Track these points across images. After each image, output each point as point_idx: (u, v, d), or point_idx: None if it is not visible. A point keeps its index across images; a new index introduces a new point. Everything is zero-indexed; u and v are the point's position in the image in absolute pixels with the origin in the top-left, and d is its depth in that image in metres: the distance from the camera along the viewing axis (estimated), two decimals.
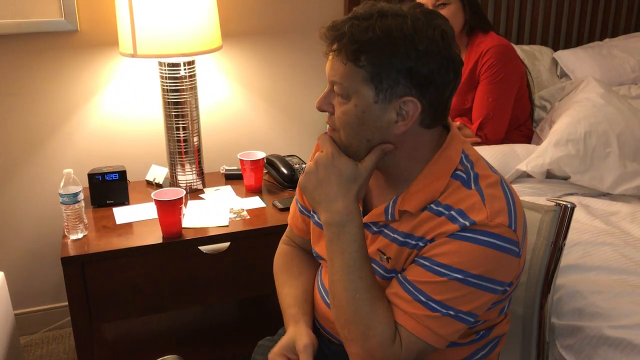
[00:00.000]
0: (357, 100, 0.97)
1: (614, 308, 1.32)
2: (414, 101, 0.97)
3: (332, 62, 0.99)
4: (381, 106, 0.97)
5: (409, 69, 0.94)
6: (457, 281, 0.96)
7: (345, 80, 0.97)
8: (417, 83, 0.95)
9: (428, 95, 0.97)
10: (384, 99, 0.96)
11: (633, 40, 2.68)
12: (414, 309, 0.99)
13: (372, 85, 0.96)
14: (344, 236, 1.01)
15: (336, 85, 0.99)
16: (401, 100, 0.96)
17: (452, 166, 1.02)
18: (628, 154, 1.85)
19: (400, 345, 0.99)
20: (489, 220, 0.96)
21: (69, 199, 1.72)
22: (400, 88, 0.96)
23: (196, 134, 2.03)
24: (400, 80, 0.95)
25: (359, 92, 0.97)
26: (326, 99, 1.02)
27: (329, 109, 1.03)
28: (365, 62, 0.94)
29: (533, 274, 1.27)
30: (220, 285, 1.86)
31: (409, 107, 0.97)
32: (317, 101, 1.03)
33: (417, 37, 0.93)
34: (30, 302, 2.29)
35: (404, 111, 0.97)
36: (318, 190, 1.03)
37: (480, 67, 2.00)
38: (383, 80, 0.95)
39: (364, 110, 0.98)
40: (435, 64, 0.95)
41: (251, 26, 2.26)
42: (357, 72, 0.96)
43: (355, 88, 0.97)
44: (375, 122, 0.98)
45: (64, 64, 2.09)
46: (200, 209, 1.93)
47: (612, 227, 1.63)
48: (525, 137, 2.14)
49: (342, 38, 0.95)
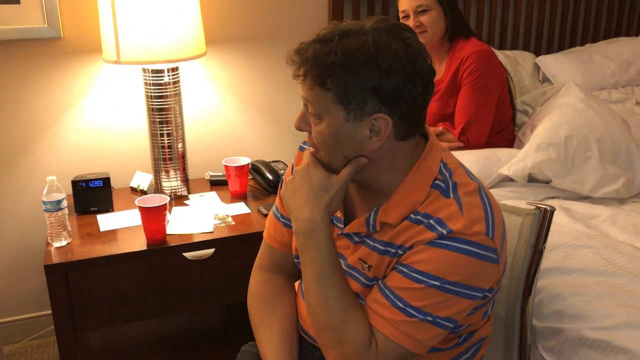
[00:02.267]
0: (329, 120, 0.99)
1: (593, 310, 1.34)
2: (384, 117, 0.98)
3: (302, 85, 1.01)
4: (353, 124, 0.98)
5: (375, 87, 0.95)
6: (435, 288, 0.97)
7: (315, 102, 0.99)
8: (385, 100, 0.96)
9: (398, 110, 0.97)
10: (355, 117, 0.98)
11: (613, 46, 2.72)
12: (391, 315, 1.00)
13: (342, 106, 0.97)
14: (311, 245, 1.03)
15: (310, 106, 1.01)
16: (372, 117, 0.97)
17: (431, 176, 1.03)
18: (608, 158, 1.87)
19: (377, 351, 1.00)
20: (466, 229, 0.97)
21: (52, 207, 1.71)
22: (369, 106, 0.97)
23: (180, 140, 2.03)
24: (368, 99, 0.96)
25: (330, 113, 0.98)
26: (303, 119, 1.05)
27: (306, 128, 1.05)
28: (331, 85, 0.96)
29: (514, 277, 1.29)
30: (205, 291, 1.86)
31: (380, 124, 0.98)
32: (295, 121, 1.05)
33: (379, 56, 0.94)
34: (14, 310, 2.27)
35: (377, 127, 0.98)
36: (292, 198, 1.06)
37: (462, 72, 2.02)
38: (351, 100, 0.96)
39: (337, 129, 0.99)
40: (400, 80, 0.95)
41: (235, 33, 2.27)
42: (325, 95, 0.97)
43: (326, 109, 0.98)
44: (350, 139, 1.00)
45: (47, 71, 2.08)
46: (184, 216, 1.93)
47: (592, 230, 1.65)
48: (507, 141, 2.16)
49: (306, 63, 0.98)
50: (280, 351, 1.17)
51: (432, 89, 1.01)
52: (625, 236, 1.62)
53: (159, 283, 1.79)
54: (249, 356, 1.30)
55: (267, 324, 1.21)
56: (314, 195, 1.03)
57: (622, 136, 1.92)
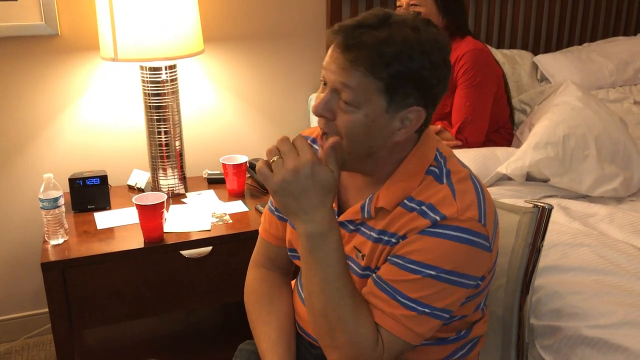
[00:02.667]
0: (368, 109, 0.96)
1: (591, 308, 1.34)
2: (419, 110, 0.98)
3: (343, 69, 0.95)
4: (390, 115, 0.98)
5: (422, 79, 0.95)
6: (431, 278, 0.98)
7: (358, 89, 0.95)
8: (425, 93, 0.97)
9: (431, 104, 0.99)
10: (395, 108, 0.97)
11: (611, 45, 2.72)
12: (393, 309, 1.00)
13: (386, 96, 0.96)
14: (327, 246, 0.99)
15: (346, 92, 0.96)
16: (409, 110, 0.98)
17: (427, 163, 1.04)
18: (606, 157, 1.87)
19: (383, 347, 1.00)
20: (459, 214, 0.98)
21: (49, 204, 1.70)
22: (410, 99, 0.97)
23: (178, 138, 2.03)
24: (413, 91, 0.96)
25: (371, 102, 0.96)
26: (327, 105, 0.99)
27: (329, 115, 0.99)
28: (385, 73, 0.94)
29: (512, 275, 1.28)
30: (202, 289, 1.85)
31: (413, 116, 0.99)
32: (316, 106, 1.00)
33: (431, 49, 0.95)
34: (10, 308, 2.27)
35: (408, 120, 0.99)
36: (301, 199, 0.97)
37: (457, 71, 2.03)
38: (398, 91, 0.95)
39: (374, 119, 0.97)
40: (441, 74, 0.97)
41: (233, 30, 2.26)
42: (373, 83, 0.95)
43: (368, 97, 0.96)
44: (381, 130, 0.99)
45: (44, 69, 2.07)
46: (182, 214, 1.93)
47: (590, 228, 1.65)
48: (505, 139, 2.16)
49: (361, 47, 0.94)
50: (278, 347, 1.17)
51: None
52: (623, 235, 1.62)
53: (156, 281, 1.79)
54: (246, 354, 1.30)
55: (264, 320, 1.21)
56: (324, 195, 0.98)
57: (620, 135, 1.92)
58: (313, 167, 0.96)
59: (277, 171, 0.96)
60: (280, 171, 0.96)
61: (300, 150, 0.97)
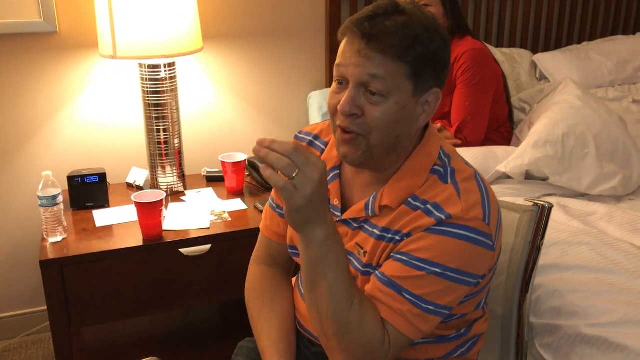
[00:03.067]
0: (398, 96, 0.97)
1: (591, 306, 1.34)
2: (437, 92, 1.01)
3: (369, 60, 0.95)
4: (416, 100, 1.00)
5: (441, 59, 0.99)
6: (435, 275, 0.98)
7: (388, 77, 0.96)
8: (441, 74, 1.01)
9: (443, 85, 1.02)
10: (419, 93, 0.99)
11: (610, 44, 2.73)
12: (400, 305, 0.99)
13: (413, 79, 0.97)
14: (339, 248, 0.97)
15: (375, 83, 0.96)
16: (429, 92, 1.00)
17: (430, 161, 1.04)
18: (605, 155, 1.87)
19: (389, 343, 1.00)
20: (464, 214, 0.98)
21: (47, 202, 1.70)
22: (431, 81, 0.99)
23: (177, 136, 2.02)
24: (432, 73, 0.99)
25: (400, 88, 0.97)
26: (355, 101, 0.97)
27: (358, 111, 0.98)
28: (411, 57, 0.96)
29: (512, 273, 1.28)
30: (201, 287, 1.85)
31: (431, 99, 1.01)
32: (344, 104, 0.97)
33: (439, 28, 0.99)
34: (9, 306, 2.26)
35: (427, 103, 1.01)
36: (322, 205, 0.92)
37: (456, 71, 2.03)
38: (422, 73, 0.97)
39: (404, 106, 0.98)
40: (449, 54, 1.02)
41: (232, 28, 2.26)
42: (401, 68, 0.96)
43: (397, 84, 0.97)
44: (409, 116, 1.00)
45: (42, 66, 2.07)
46: (181, 211, 1.93)
47: (589, 227, 1.66)
48: (504, 138, 2.17)
49: (387, 34, 0.95)
50: (278, 345, 1.16)
51: None
52: (622, 233, 1.63)
53: (155, 279, 1.78)
54: (246, 352, 1.30)
55: (265, 317, 1.20)
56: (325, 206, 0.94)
57: (619, 134, 1.92)
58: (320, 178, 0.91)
59: (302, 185, 0.88)
60: (307, 184, 0.88)
61: (311, 156, 0.90)
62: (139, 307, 1.80)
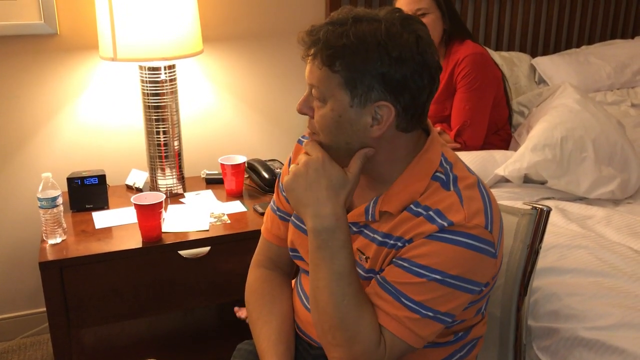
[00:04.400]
0: (333, 104, 0.99)
1: (589, 310, 1.34)
2: (388, 106, 0.98)
3: (310, 67, 1.00)
4: (356, 110, 0.98)
5: (382, 74, 0.95)
6: (436, 282, 0.98)
7: (321, 85, 0.99)
8: (390, 88, 0.97)
9: (402, 100, 0.98)
10: (359, 103, 0.98)
11: (609, 48, 2.74)
12: (396, 310, 1.00)
13: (347, 90, 0.97)
14: (333, 242, 1.01)
15: (314, 89, 1.01)
16: (375, 104, 0.98)
17: (432, 168, 1.04)
18: (603, 159, 1.88)
19: (385, 348, 1.00)
20: (467, 221, 0.98)
21: (47, 203, 1.70)
22: (374, 93, 0.97)
23: (177, 138, 2.03)
24: (374, 86, 0.96)
25: (335, 97, 0.98)
26: (306, 102, 1.04)
27: (309, 112, 1.04)
28: (339, 67, 0.96)
29: (510, 276, 1.29)
30: (200, 290, 1.85)
31: (383, 112, 0.99)
32: (298, 104, 1.05)
33: (390, 43, 0.95)
34: (7, 307, 2.26)
35: (379, 115, 0.99)
36: (307, 192, 1.02)
37: (457, 75, 2.03)
38: (357, 85, 0.97)
39: (340, 114, 0.99)
40: (408, 70, 0.96)
41: (232, 31, 2.26)
42: (332, 77, 0.97)
43: (331, 92, 0.98)
44: (352, 125, 1.00)
45: (43, 68, 2.07)
46: (180, 214, 1.93)
47: (587, 230, 1.66)
48: (503, 141, 2.17)
49: (317, 43, 0.97)
50: (278, 347, 1.17)
51: (437, 84, 1.02)
52: (620, 237, 1.63)
53: (154, 281, 1.79)
54: (244, 354, 1.30)
55: (265, 320, 1.21)
56: (334, 191, 1.02)
57: (617, 138, 1.93)
58: (323, 163, 1.02)
59: (291, 169, 1.05)
60: (294, 168, 1.05)
61: (312, 151, 1.05)
62: (138, 309, 1.80)
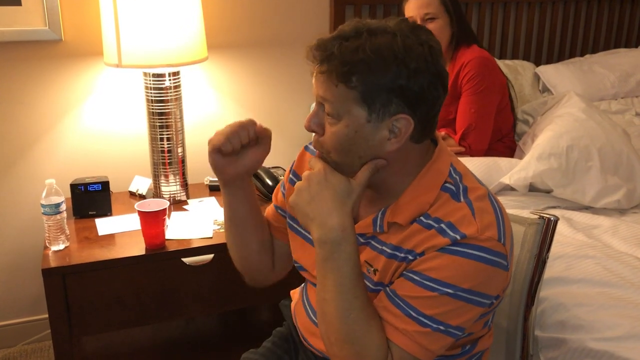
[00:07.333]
0: (348, 120, 0.97)
1: (596, 320, 1.33)
2: (406, 118, 0.97)
3: (321, 83, 0.97)
4: (374, 125, 0.97)
5: (401, 87, 0.94)
6: (448, 296, 0.96)
7: (336, 101, 0.96)
8: (409, 101, 0.95)
9: (419, 112, 0.97)
10: (377, 118, 0.96)
11: (613, 57, 2.73)
12: (405, 325, 0.98)
13: (365, 105, 0.95)
14: (339, 254, 0.98)
15: (327, 105, 0.98)
16: (394, 118, 0.96)
17: (441, 179, 1.03)
18: (609, 168, 1.87)
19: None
20: (479, 234, 0.96)
21: (50, 210, 1.70)
22: (392, 107, 0.95)
23: (180, 145, 2.02)
24: (393, 99, 0.95)
25: (351, 112, 0.96)
26: (315, 119, 1.01)
27: (318, 129, 1.01)
28: (356, 82, 0.94)
29: (517, 286, 1.28)
30: (203, 297, 1.84)
31: (401, 124, 0.97)
32: (306, 121, 1.02)
33: (407, 56, 0.93)
34: (10, 314, 2.25)
35: (397, 128, 0.97)
36: (311, 205, 1.00)
37: (462, 79, 2.03)
38: (375, 99, 0.95)
39: (356, 130, 0.97)
40: (425, 81, 0.95)
41: (237, 38, 2.26)
42: (348, 93, 0.95)
43: (347, 108, 0.96)
44: (368, 141, 0.98)
45: (47, 74, 2.07)
46: (183, 221, 1.92)
47: (594, 240, 1.65)
48: (508, 148, 2.17)
49: (331, 59, 0.94)
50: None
51: (447, 93, 1.01)
52: (627, 247, 1.62)
53: (157, 288, 1.78)
54: None
55: None
56: (339, 201, 0.99)
57: (623, 147, 1.92)
58: (325, 175, 1.01)
59: (295, 186, 1.04)
60: (298, 184, 1.04)
61: (314, 165, 1.04)
62: (140, 317, 1.79)
